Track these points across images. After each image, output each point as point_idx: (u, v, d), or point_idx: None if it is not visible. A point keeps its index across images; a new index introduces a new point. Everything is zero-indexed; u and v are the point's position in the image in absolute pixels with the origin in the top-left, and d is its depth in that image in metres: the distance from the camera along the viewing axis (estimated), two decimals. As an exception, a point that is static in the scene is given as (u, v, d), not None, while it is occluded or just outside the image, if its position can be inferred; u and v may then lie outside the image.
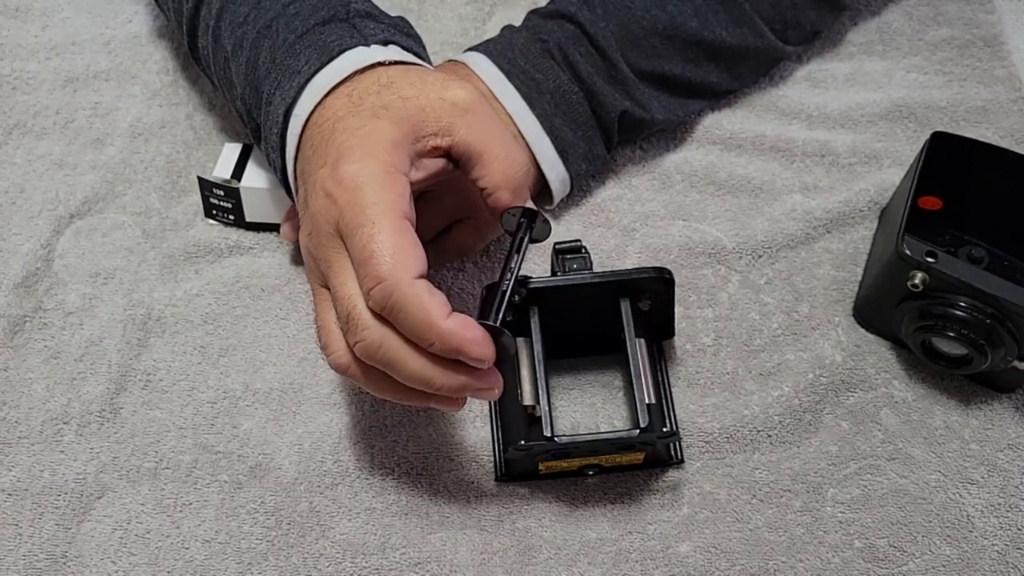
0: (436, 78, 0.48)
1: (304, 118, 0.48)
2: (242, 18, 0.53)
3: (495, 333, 0.44)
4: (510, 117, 0.57)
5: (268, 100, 0.51)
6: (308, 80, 0.48)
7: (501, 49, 0.59)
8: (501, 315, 0.45)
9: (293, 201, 0.52)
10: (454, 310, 0.59)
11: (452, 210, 0.56)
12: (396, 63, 0.49)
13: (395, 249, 0.42)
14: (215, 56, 0.56)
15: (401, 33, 0.52)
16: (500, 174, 0.47)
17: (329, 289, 0.45)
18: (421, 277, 0.42)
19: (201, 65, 0.60)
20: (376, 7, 0.54)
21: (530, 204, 0.49)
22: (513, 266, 0.47)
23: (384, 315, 0.42)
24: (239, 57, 0.53)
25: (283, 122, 0.49)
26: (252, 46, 0.52)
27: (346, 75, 0.48)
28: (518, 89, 0.57)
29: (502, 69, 0.58)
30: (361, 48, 0.49)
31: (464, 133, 0.47)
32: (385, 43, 0.50)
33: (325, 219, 0.44)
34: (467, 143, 0.47)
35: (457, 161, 0.48)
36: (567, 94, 0.58)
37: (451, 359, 0.43)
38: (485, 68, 0.58)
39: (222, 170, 0.60)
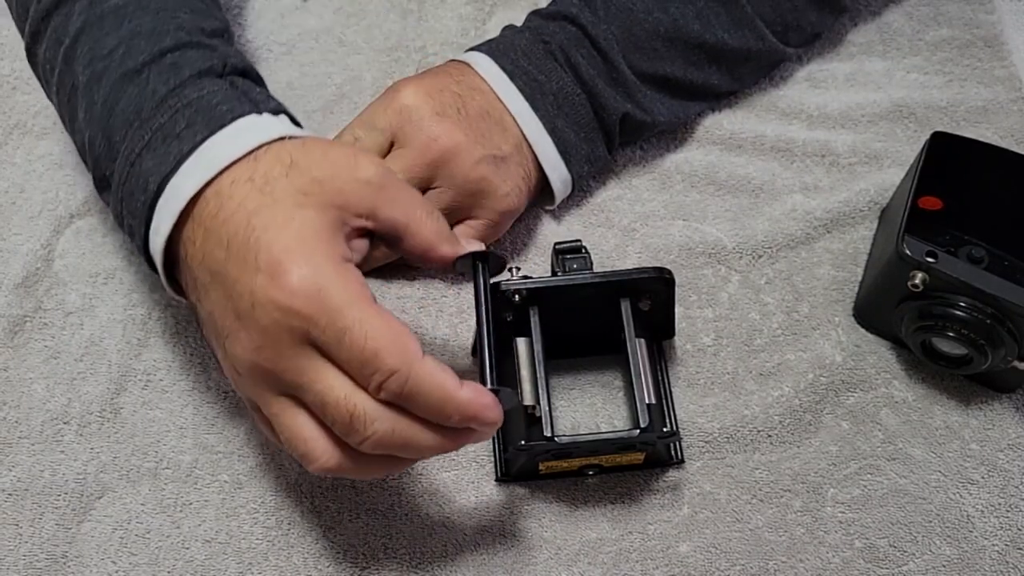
0: (340, 155, 0.44)
1: (189, 195, 0.43)
2: (107, 50, 0.48)
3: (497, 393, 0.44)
4: (513, 118, 0.57)
5: (130, 158, 0.45)
6: (192, 149, 0.44)
7: (504, 50, 0.59)
8: (495, 376, 0.46)
9: (156, 271, 0.47)
10: (456, 311, 0.59)
11: (454, 212, 0.56)
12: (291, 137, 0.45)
13: (394, 337, 0.41)
14: (60, 78, 0.50)
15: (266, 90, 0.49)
16: (432, 234, 0.46)
17: (301, 397, 0.42)
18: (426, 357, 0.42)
19: (36, 71, 0.54)
20: (247, 61, 0.49)
21: (473, 247, 0.47)
22: (484, 316, 0.47)
23: (399, 402, 0.41)
24: (93, 94, 0.48)
25: (155, 192, 0.44)
26: (114, 87, 0.47)
27: (244, 152, 0.43)
28: (521, 90, 0.57)
29: (505, 70, 0.58)
30: (253, 117, 0.45)
31: (387, 211, 0.44)
32: (275, 112, 0.46)
33: (286, 332, 0.40)
34: (392, 220, 0.44)
35: (384, 238, 0.46)
36: (570, 96, 0.58)
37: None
38: (488, 68, 0.58)
39: None
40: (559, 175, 0.59)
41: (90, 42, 0.48)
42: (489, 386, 0.44)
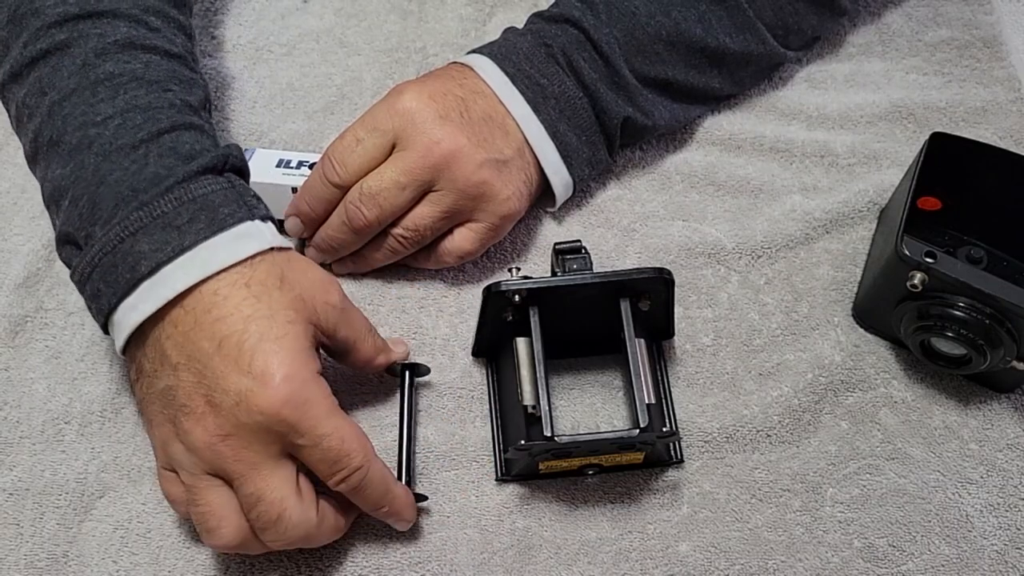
0: (316, 277, 0.49)
1: (183, 288, 0.46)
2: (101, 118, 0.49)
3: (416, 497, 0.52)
4: (515, 122, 0.57)
5: (122, 234, 0.47)
6: (192, 244, 0.46)
7: (506, 53, 0.59)
8: (413, 479, 0.53)
9: (98, 323, 0.49)
10: (456, 311, 0.59)
11: (455, 214, 0.57)
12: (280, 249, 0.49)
13: (358, 441, 0.47)
14: (39, 127, 0.51)
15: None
16: (372, 350, 0.52)
17: (234, 484, 0.46)
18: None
19: (7, 105, 0.55)
20: (241, 155, 0.52)
21: (398, 351, 0.54)
22: (407, 422, 0.54)
23: (351, 494, 0.48)
24: (83, 158, 0.49)
25: (146, 273, 0.46)
26: (108, 157, 0.48)
27: (242, 258, 0.47)
28: (523, 94, 0.58)
29: (507, 73, 0.58)
30: (249, 224, 0.48)
31: (344, 332, 0.50)
32: (264, 219, 0.49)
33: (264, 432, 0.45)
34: (345, 339, 0.50)
35: (331, 350, 0.52)
36: (572, 99, 0.58)
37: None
38: (490, 72, 0.58)
39: None
40: (561, 179, 0.59)
41: (83, 105, 0.50)
42: (416, 492, 0.52)
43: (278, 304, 0.47)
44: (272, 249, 0.48)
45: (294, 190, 0.59)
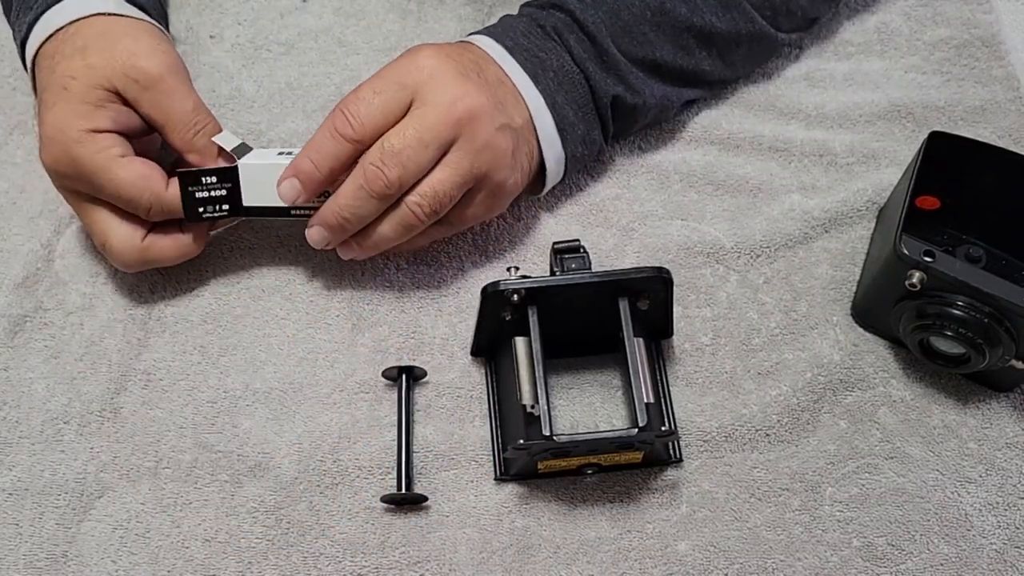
0: (127, 47, 0.54)
1: (33, 48, 0.56)
2: None
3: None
4: (518, 91, 0.56)
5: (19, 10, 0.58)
6: (37, 17, 0.56)
7: (503, 31, 0.59)
8: (412, 479, 0.54)
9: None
10: (456, 310, 0.58)
11: (471, 180, 0.54)
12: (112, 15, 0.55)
13: (140, 183, 0.53)
14: None
15: None
16: (181, 142, 0.55)
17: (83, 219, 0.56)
18: (168, 182, 0.55)
19: None
20: None
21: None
22: (404, 427, 0.55)
23: (166, 218, 0.55)
24: None
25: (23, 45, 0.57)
26: None
27: (60, 26, 0.55)
28: (523, 65, 0.57)
29: (506, 47, 0.57)
30: None
31: (148, 110, 0.54)
32: None
33: (61, 181, 0.54)
34: (150, 117, 0.54)
35: (146, 120, 0.55)
36: (569, 73, 0.58)
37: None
38: (490, 45, 0.58)
39: (225, 141, 0.56)
40: (554, 153, 0.58)
41: None
42: (414, 492, 0.53)
43: (64, 71, 0.53)
44: (100, 15, 0.55)
45: None
